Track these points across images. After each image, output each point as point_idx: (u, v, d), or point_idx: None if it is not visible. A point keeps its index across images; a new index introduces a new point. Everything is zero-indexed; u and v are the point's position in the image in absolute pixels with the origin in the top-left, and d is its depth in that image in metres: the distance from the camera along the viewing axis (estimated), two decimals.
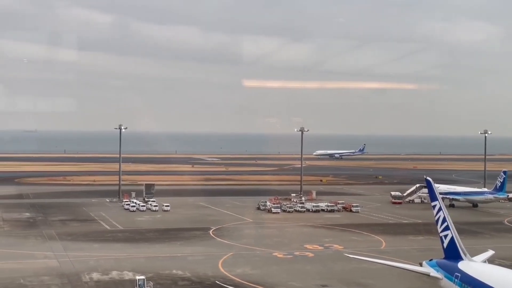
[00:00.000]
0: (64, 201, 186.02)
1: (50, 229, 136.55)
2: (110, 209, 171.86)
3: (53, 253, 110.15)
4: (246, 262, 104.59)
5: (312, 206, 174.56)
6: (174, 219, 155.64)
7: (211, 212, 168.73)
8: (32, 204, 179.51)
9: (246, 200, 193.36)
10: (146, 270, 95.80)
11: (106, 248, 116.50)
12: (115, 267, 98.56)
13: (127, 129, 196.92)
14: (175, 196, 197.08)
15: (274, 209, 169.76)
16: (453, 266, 65.73)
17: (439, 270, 67.95)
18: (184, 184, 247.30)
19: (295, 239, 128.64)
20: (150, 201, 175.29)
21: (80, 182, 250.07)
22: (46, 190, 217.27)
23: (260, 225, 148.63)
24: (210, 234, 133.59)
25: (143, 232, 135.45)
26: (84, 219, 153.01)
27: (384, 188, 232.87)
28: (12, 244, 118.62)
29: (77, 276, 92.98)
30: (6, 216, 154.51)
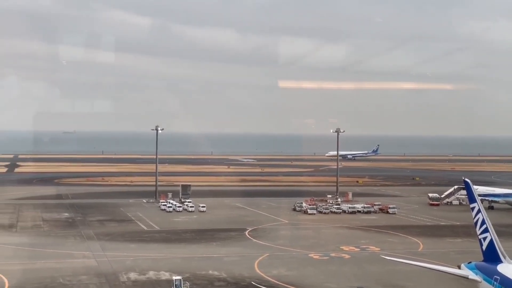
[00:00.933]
0: (102, 202, 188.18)
1: (88, 229, 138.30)
2: (147, 209, 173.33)
3: (91, 253, 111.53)
4: (282, 263, 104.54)
5: (348, 207, 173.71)
6: (210, 219, 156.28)
7: (247, 213, 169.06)
8: (71, 204, 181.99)
9: (282, 201, 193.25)
10: (183, 270, 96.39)
11: (143, 248, 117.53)
12: (152, 267, 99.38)
13: (164, 130, 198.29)
14: (211, 197, 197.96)
15: (310, 210, 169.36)
16: (492, 269, 64.82)
17: (477, 273, 67.08)
18: (220, 185, 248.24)
19: (331, 241, 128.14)
20: (186, 202, 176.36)
21: (117, 182, 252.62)
22: (84, 191, 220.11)
23: (296, 226, 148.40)
24: (246, 235, 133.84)
25: (179, 232, 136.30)
26: (122, 220, 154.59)
27: (422, 190, 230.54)
28: (52, 243, 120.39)
29: (114, 276, 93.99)
30: (46, 216, 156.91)
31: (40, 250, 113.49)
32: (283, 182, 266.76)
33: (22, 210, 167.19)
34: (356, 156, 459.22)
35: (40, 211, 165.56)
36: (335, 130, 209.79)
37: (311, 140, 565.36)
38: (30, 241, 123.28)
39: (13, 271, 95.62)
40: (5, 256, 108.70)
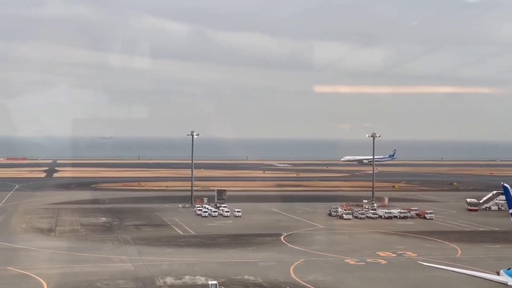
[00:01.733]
0: (138, 206, 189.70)
1: (125, 233, 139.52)
2: (183, 214, 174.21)
3: (128, 257, 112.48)
4: (318, 269, 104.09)
5: (384, 212, 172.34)
6: (246, 224, 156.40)
7: (282, 218, 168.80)
8: (108, 209, 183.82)
9: (317, 206, 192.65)
10: (218, 275, 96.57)
11: (179, 252, 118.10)
12: (188, 272, 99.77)
13: (199, 135, 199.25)
14: (247, 202, 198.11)
15: (345, 215, 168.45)
16: None
17: None
18: (255, 190, 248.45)
19: (367, 246, 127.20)
20: (222, 207, 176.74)
21: (153, 187, 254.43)
22: (121, 196, 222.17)
23: (332, 231, 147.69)
24: (282, 240, 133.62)
25: (215, 237, 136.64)
26: (158, 224, 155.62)
27: (459, 195, 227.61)
28: (89, 248, 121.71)
29: (151, 280, 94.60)
30: (83, 221, 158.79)
31: (78, 254, 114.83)
32: (319, 187, 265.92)
33: (61, 215, 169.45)
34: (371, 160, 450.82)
35: (78, 216, 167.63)
36: (371, 135, 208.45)
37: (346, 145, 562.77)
38: (68, 245, 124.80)
39: (51, 275, 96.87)
40: (44, 260, 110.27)
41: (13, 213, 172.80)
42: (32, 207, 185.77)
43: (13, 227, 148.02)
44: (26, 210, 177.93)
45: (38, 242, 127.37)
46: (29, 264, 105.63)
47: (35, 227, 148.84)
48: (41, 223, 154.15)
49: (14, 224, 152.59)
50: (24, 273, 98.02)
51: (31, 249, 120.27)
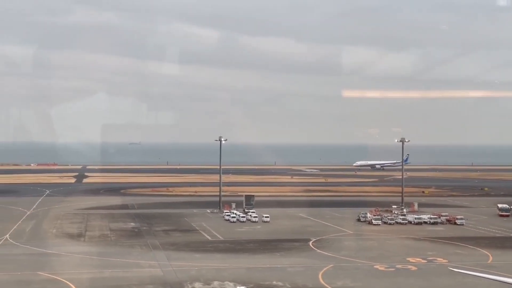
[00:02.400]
0: (167, 212, 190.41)
1: (154, 239, 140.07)
2: (211, 219, 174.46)
3: (157, 262, 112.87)
4: (347, 275, 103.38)
5: (414, 218, 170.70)
6: (274, 230, 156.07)
7: (311, 223, 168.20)
8: (137, 214, 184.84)
9: (346, 211, 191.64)
10: (247, 280, 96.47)
11: (208, 258, 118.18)
12: (216, 277, 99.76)
13: (227, 141, 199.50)
14: (275, 207, 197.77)
15: (374, 220, 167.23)
16: None
17: None
18: (283, 195, 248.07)
19: (396, 252, 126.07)
20: (250, 212, 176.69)
21: (182, 193, 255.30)
22: (149, 201, 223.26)
23: (361, 237, 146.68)
24: (310, 245, 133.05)
25: (243, 242, 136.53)
26: (186, 230, 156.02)
27: (491, 200, 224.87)
28: (119, 253, 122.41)
29: (180, 286, 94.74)
30: (112, 226, 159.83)
31: (107, 259, 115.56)
32: (347, 192, 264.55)
33: (90, 220, 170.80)
34: (384, 165, 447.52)
35: (107, 221, 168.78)
36: (400, 140, 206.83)
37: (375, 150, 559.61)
38: (98, 250, 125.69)
39: (81, 280, 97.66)
40: (74, 265, 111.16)
41: (44, 218, 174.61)
42: (62, 212, 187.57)
43: (43, 232, 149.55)
44: (56, 215, 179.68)
45: (68, 247, 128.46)
46: (59, 269, 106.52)
47: (65, 232, 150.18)
48: (71, 228, 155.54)
49: (45, 229, 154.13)
50: (55, 278, 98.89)
51: (61, 254, 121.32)
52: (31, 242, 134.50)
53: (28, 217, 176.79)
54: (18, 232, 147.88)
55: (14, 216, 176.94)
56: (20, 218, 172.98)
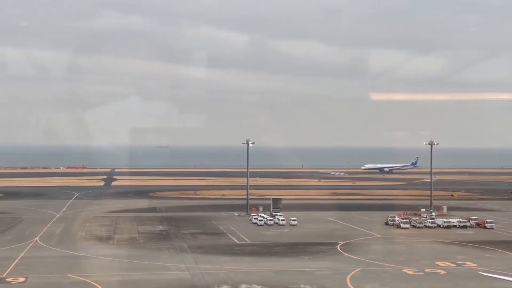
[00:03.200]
0: (195, 215, 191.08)
1: (181, 242, 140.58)
2: (238, 223, 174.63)
3: (185, 265, 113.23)
4: (375, 278, 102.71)
5: (443, 221, 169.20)
6: (302, 233, 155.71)
7: (339, 227, 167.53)
8: (165, 217, 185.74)
9: (374, 215, 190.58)
10: (275, 284, 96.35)
11: (235, 261, 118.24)
12: (244, 280, 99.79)
13: (255, 144, 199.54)
14: (302, 211, 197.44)
15: (403, 224, 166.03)
16: None
17: None
18: (311, 198, 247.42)
19: (425, 256, 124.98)
20: (277, 215, 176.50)
21: (209, 196, 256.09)
22: (177, 204, 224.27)
23: (389, 241, 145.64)
24: (338, 249, 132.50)
25: (270, 246, 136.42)
26: (214, 233, 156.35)
27: None
28: (147, 256, 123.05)
29: None
30: (141, 229, 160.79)
31: (136, 262, 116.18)
32: (375, 195, 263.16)
33: (119, 223, 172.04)
34: (393, 169, 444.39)
35: (136, 224, 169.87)
36: (428, 143, 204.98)
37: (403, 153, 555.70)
38: (126, 253, 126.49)
39: (110, 282, 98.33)
40: (103, 267, 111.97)
41: (73, 221, 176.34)
42: (91, 215, 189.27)
43: (73, 235, 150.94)
44: (85, 218, 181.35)
45: (97, 250, 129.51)
46: (88, 271, 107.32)
47: (94, 235, 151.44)
48: (100, 231, 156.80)
49: (74, 232, 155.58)
50: (84, 280, 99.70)
51: (90, 256, 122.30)
52: (60, 244, 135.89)
53: (58, 219, 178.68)
54: (47, 235, 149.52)
55: (44, 218, 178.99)
56: (49, 220, 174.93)
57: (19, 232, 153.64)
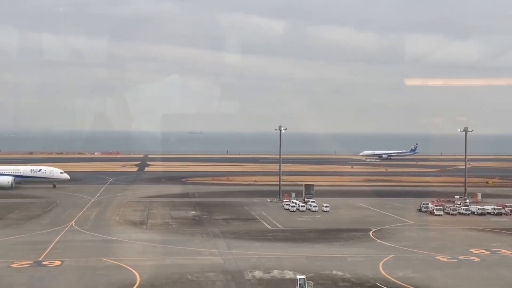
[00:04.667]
0: (227, 201, 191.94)
1: (214, 227, 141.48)
2: (271, 208, 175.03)
3: (217, 251, 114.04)
4: (408, 265, 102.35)
5: (477, 208, 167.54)
6: (334, 219, 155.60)
7: (371, 213, 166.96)
8: (198, 202, 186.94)
9: (407, 201, 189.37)
10: (307, 269, 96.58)
11: (268, 247, 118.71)
12: (276, 266, 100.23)
13: (288, 130, 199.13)
14: (335, 197, 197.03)
15: (436, 211, 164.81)
16: None
17: None
18: (343, 184, 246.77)
19: (459, 243, 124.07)
20: (309, 202, 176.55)
21: (241, 182, 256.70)
22: (210, 190, 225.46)
23: (422, 228, 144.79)
24: (370, 235, 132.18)
25: (303, 232, 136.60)
26: (246, 218, 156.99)
27: None
28: (180, 240, 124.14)
29: (240, 274, 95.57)
30: (174, 214, 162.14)
31: (169, 247, 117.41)
32: (408, 182, 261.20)
33: (152, 208, 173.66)
34: (391, 155, 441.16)
35: (169, 209, 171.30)
36: (463, 129, 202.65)
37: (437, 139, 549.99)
38: (160, 238, 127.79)
39: (144, 267, 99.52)
40: (136, 252, 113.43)
41: (107, 206, 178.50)
42: (125, 200, 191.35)
43: (107, 220, 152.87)
44: (119, 203, 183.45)
45: (130, 234, 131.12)
46: (123, 255, 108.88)
47: (128, 219, 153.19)
48: (133, 216, 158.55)
49: (108, 217, 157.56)
50: (118, 264, 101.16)
51: (124, 241, 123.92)
52: (95, 229, 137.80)
53: (92, 204, 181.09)
54: (83, 219, 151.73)
55: (79, 203, 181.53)
56: (84, 205, 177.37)
57: (55, 216, 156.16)
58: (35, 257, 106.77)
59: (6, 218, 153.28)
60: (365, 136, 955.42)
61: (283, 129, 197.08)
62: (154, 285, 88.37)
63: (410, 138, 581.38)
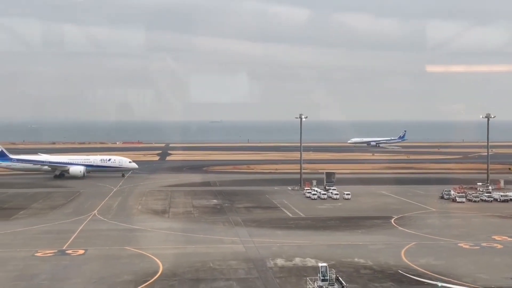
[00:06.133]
0: (248, 189, 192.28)
1: (236, 215, 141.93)
2: (292, 196, 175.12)
3: (239, 239, 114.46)
4: (430, 252, 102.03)
5: (500, 195, 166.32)
6: (355, 207, 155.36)
7: (393, 201, 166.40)
8: (219, 191, 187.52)
9: (429, 189, 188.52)
10: (328, 257, 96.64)
11: (289, 234, 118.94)
12: (298, 254, 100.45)
13: (308, 118, 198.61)
14: (356, 185, 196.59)
15: (458, 198, 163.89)
16: None
17: None
18: (364, 172, 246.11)
19: (482, 230, 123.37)
20: (331, 189, 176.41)
21: (262, 170, 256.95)
22: (231, 178, 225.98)
23: (444, 215, 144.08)
24: (392, 223, 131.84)
25: (324, 220, 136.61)
26: (267, 206, 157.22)
27: None
28: (202, 229, 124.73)
29: (262, 262, 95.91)
30: (196, 203, 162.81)
31: (191, 235, 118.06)
32: (430, 169, 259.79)
33: (174, 197, 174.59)
34: (380, 142, 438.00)
35: (190, 198, 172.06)
36: (485, 116, 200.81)
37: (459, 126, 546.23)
38: (182, 226, 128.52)
39: (166, 255, 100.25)
40: (159, 241, 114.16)
41: (129, 195, 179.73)
42: (146, 189, 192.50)
43: (129, 209, 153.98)
44: (141, 192, 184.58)
45: (153, 223, 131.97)
46: (145, 244, 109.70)
47: (150, 208, 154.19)
48: (155, 205, 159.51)
49: (130, 206, 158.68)
50: (141, 253, 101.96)
51: (147, 229, 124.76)
52: (117, 218, 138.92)
53: (115, 193, 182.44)
54: (105, 208, 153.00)
55: (102, 192, 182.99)
56: (107, 194, 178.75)
57: (78, 206, 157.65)
58: (59, 246, 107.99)
59: (30, 207, 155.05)
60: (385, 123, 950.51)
61: (303, 117, 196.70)
62: (176, 273, 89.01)
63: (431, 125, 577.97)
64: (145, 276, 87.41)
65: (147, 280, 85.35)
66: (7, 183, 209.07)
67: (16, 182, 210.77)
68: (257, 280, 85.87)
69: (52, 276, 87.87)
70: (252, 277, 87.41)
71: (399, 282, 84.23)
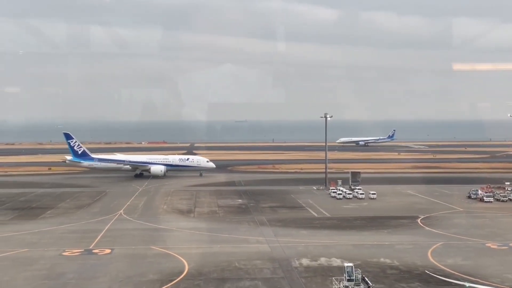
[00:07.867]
0: (273, 189, 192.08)
1: (261, 215, 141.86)
2: (317, 196, 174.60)
3: (264, 238, 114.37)
4: (457, 253, 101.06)
5: None
6: (381, 207, 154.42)
7: (419, 201, 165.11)
8: (244, 191, 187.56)
9: (456, 188, 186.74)
10: (354, 257, 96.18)
11: (314, 234, 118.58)
12: (323, 254, 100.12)
13: (333, 118, 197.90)
14: (381, 184, 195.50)
15: (486, 198, 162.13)
16: None
17: None
18: (390, 172, 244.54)
19: (510, 230, 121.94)
20: (356, 189, 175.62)
21: (287, 170, 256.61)
22: (256, 178, 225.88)
23: (471, 214, 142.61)
24: (418, 222, 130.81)
25: (350, 219, 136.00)
26: (293, 206, 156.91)
27: None
28: (227, 229, 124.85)
29: (287, 261, 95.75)
30: (221, 203, 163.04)
31: (216, 235, 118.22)
32: (457, 168, 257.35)
33: (199, 196, 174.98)
34: (368, 142, 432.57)
35: (215, 197, 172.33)
36: None
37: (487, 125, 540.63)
38: (207, 226, 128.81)
39: (192, 255, 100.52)
40: (184, 240, 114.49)
41: (155, 194, 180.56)
42: (172, 189, 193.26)
43: (155, 208, 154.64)
44: (166, 192, 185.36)
45: (178, 223, 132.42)
46: (171, 243, 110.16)
47: (175, 208, 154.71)
48: (180, 205, 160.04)
49: (156, 205, 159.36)
50: (166, 252, 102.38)
51: (172, 229, 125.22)
52: (143, 217, 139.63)
53: (140, 193, 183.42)
54: (131, 208, 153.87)
55: (128, 192, 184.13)
56: (133, 194, 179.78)
57: (104, 205, 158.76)
58: (85, 245, 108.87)
59: (57, 207, 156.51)
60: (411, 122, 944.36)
61: (328, 116, 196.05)
62: (202, 272, 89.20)
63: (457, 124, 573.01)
64: (170, 275, 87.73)
65: (173, 279, 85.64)
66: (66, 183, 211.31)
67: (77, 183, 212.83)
68: (282, 280, 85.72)
69: (79, 275, 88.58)
70: (277, 277, 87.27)
71: (426, 282, 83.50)
